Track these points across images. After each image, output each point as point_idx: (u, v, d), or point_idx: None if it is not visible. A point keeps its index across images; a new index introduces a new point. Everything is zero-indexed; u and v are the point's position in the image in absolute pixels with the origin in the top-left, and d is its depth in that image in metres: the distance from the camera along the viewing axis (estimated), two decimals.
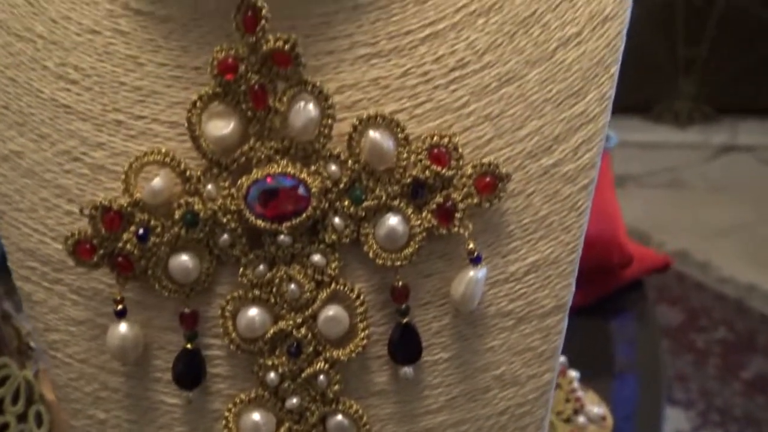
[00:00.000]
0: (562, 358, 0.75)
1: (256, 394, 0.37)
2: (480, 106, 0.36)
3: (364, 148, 0.35)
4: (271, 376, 0.36)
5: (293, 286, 0.36)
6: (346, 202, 0.35)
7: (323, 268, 0.36)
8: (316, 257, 0.35)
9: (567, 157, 0.36)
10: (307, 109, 0.34)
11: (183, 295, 0.36)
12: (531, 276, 0.37)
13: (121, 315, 0.36)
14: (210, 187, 0.35)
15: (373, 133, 0.34)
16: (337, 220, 0.35)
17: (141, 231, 0.35)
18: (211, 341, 0.37)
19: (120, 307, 0.36)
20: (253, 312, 0.36)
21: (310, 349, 0.36)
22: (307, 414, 0.37)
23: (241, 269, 0.36)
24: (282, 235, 0.35)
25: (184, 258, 0.36)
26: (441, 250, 0.36)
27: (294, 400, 0.36)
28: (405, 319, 0.36)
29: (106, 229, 0.35)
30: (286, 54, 0.33)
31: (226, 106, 0.34)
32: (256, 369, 0.36)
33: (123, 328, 0.36)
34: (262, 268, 0.36)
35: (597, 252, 0.95)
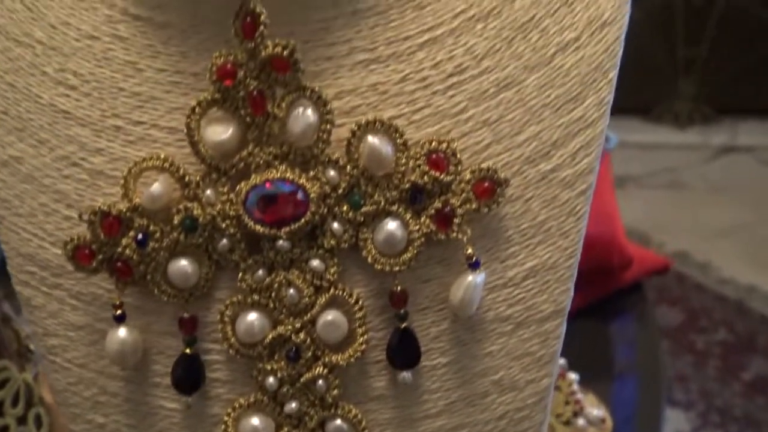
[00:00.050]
0: (562, 361, 0.75)
1: (255, 398, 0.37)
2: (478, 112, 0.36)
3: (363, 153, 0.35)
4: (270, 380, 0.36)
5: (292, 291, 0.36)
6: (345, 208, 0.35)
7: (322, 273, 0.36)
8: (315, 262, 0.36)
9: (565, 162, 0.36)
10: (306, 114, 0.34)
11: (182, 300, 0.36)
12: (529, 281, 0.37)
13: (120, 320, 0.36)
14: (209, 192, 0.35)
15: (371, 138, 0.34)
16: (335, 225, 0.35)
17: (140, 236, 0.35)
18: (210, 346, 0.37)
19: (119, 312, 0.36)
20: (252, 317, 0.36)
21: (309, 353, 0.36)
22: (306, 419, 0.37)
23: (240, 274, 0.36)
24: (281, 240, 0.35)
25: (183, 263, 0.36)
26: (439, 255, 0.36)
27: (293, 404, 0.36)
28: (404, 324, 0.36)
29: (105, 234, 0.35)
30: (284, 60, 0.33)
31: (224, 112, 0.34)
32: (255, 374, 0.36)
33: (122, 332, 0.36)
34: (261, 273, 0.36)
35: (597, 253, 0.95)
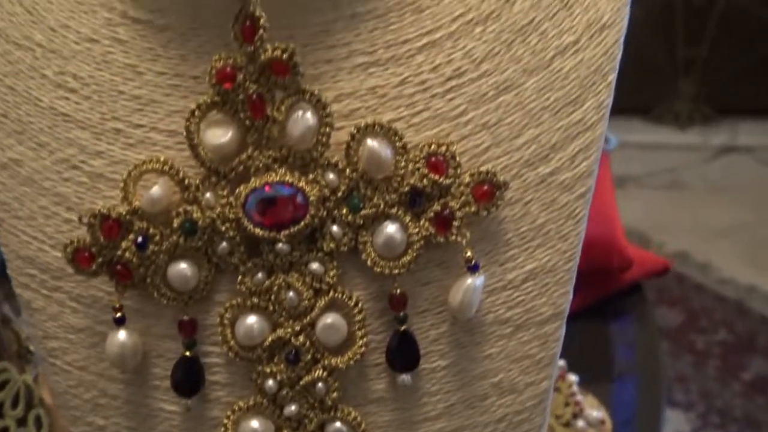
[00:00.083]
0: (562, 362, 0.75)
1: (254, 401, 0.37)
2: (477, 115, 0.36)
3: (362, 156, 0.35)
4: (270, 383, 0.36)
5: (291, 293, 0.36)
6: (344, 211, 0.35)
7: (321, 276, 0.36)
8: (315, 265, 0.36)
9: (564, 165, 0.36)
10: (305, 117, 0.34)
11: (182, 303, 0.36)
12: (529, 284, 0.37)
13: (120, 323, 0.36)
14: (208, 195, 0.35)
15: (370, 141, 0.34)
16: (335, 229, 0.35)
17: (140, 239, 0.35)
18: (209, 349, 0.37)
19: (119, 314, 0.36)
20: (252, 320, 0.36)
21: (309, 356, 0.36)
22: (305, 421, 0.37)
23: (240, 277, 0.36)
24: (280, 243, 0.35)
25: (183, 266, 0.36)
26: (439, 258, 0.36)
27: (292, 407, 0.37)
28: (403, 327, 0.36)
29: (105, 237, 0.35)
30: (284, 63, 0.33)
31: (224, 115, 0.34)
32: (254, 376, 0.36)
33: (122, 335, 0.36)
34: (260, 276, 0.36)
35: (596, 254, 0.95)
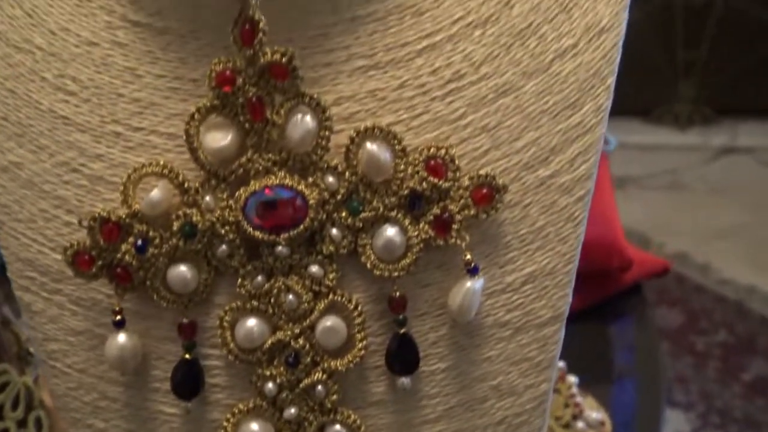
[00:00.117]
0: (561, 364, 0.75)
1: (254, 404, 0.37)
2: (477, 118, 0.36)
3: (362, 159, 0.35)
4: (269, 386, 0.36)
5: (291, 296, 0.36)
6: (344, 214, 0.35)
7: (321, 278, 0.36)
8: (314, 268, 0.36)
9: (563, 168, 0.36)
10: (305, 121, 0.34)
11: (181, 306, 0.36)
12: (528, 286, 0.37)
13: (119, 325, 0.36)
14: (208, 198, 0.35)
15: (370, 144, 0.34)
16: (334, 231, 0.35)
17: (139, 242, 0.35)
18: (209, 351, 0.37)
19: (119, 317, 0.36)
20: (252, 322, 0.36)
21: (308, 359, 0.36)
22: (305, 424, 0.37)
23: (240, 280, 0.36)
24: (280, 246, 0.35)
25: (183, 269, 0.36)
26: (438, 261, 0.36)
27: (292, 410, 0.37)
28: (402, 330, 0.36)
29: (104, 240, 0.35)
30: (283, 67, 0.33)
31: (224, 118, 0.35)
32: (254, 379, 0.36)
33: (122, 338, 0.36)
34: (260, 278, 0.36)
35: (596, 256, 0.95)
